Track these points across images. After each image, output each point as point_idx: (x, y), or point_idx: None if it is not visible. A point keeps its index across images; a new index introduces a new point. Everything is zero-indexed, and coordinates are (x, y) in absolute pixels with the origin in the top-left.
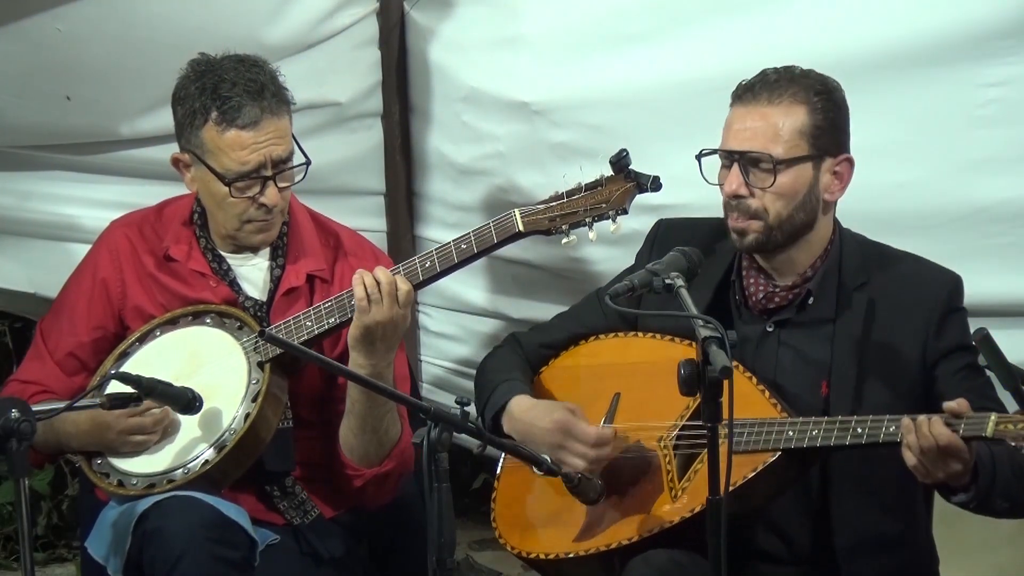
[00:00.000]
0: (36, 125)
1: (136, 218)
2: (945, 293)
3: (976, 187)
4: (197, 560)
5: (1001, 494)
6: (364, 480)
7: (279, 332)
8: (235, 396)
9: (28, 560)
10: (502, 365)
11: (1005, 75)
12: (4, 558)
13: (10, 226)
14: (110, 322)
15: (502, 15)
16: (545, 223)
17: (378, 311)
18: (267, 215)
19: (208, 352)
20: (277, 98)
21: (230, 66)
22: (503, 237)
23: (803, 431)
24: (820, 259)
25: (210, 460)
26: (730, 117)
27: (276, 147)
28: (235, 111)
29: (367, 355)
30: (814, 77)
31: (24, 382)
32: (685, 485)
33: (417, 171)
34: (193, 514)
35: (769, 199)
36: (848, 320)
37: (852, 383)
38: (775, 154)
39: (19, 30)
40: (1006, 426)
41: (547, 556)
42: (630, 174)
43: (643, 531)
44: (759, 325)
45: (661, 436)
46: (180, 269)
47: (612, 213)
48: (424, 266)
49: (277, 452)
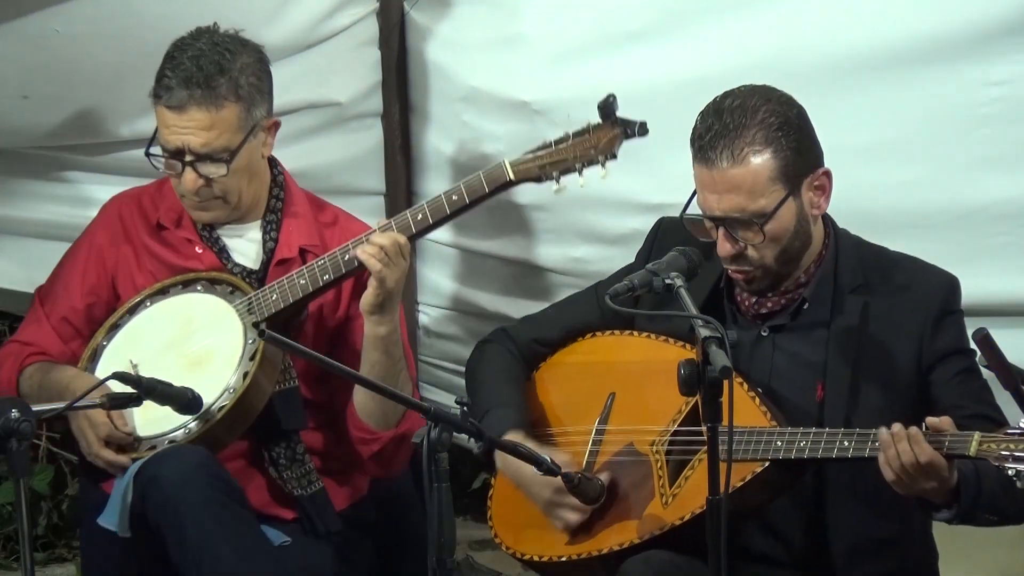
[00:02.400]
0: (35, 126)
1: (136, 191)
2: (941, 295)
3: (978, 186)
4: (197, 499)
5: (987, 508)
6: (382, 444)
7: (273, 292)
8: (232, 357)
9: (28, 560)
10: (492, 375)
11: (1008, 74)
12: (4, 558)
13: (10, 226)
14: (103, 289)
15: (502, 15)
16: (535, 171)
17: (393, 272)
18: (195, 197)
19: (202, 317)
20: (214, 91)
21: (198, 47)
22: (494, 187)
23: (791, 442)
24: (815, 264)
25: (211, 418)
26: (699, 175)
27: (192, 137)
28: (165, 89)
29: (387, 314)
30: (767, 107)
31: (24, 343)
32: (676, 492)
33: (417, 171)
34: (189, 456)
35: (763, 247)
36: (843, 323)
37: (847, 386)
38: (756, 211)
39: (18, 31)
40: (989, 445)
41: (540, 558)
42: (617, 120)
43: (635, 536)
44: (753, 330)
45: (654, 440)
46: (170, 237)
47: (601, 159)
48: (416, 219)
49: (288, 411)
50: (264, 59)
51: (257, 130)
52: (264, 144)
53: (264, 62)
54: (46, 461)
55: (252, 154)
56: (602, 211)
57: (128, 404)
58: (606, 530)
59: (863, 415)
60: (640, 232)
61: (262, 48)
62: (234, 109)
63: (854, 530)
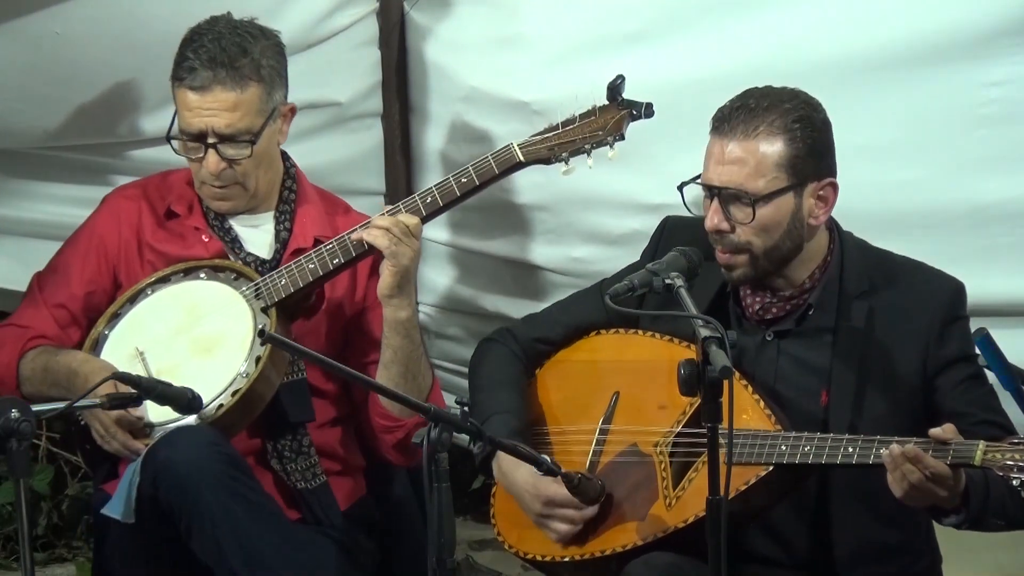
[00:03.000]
0: (35, 128)
1: (140, 183)
2: (947, 301)
3: (978, 187)
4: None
5: (995, 513)
6: (406, 431)
7: (281, 276)
8: (244, 341)
9: (28, 560)
10: (492, 378)
11: (1006, 74)
12: (4, 558)
13: (10, 226)
14: (104, 279)
15: (502, 15)
16: (544, 152)
17: (405, 250)
18: (217, 181)
19: (208, 304)
20: (239, 72)
21: (218, 30)
22: (504, 168)
23: (795, 447)
24: (819, 269)
25: (225, 404)
26: (709, 146)
27: (217, 119)
28: (188, 71)
29: (406, 296)
30: (794, 101)
31: (21, 326)
32: (679, 494)
33: (417, 171)
34: (199, 436)
35: (751, 233)
36: (849, 329)
37: (852, 392)
38: (753, 190)
39: (17, 32)
40: (994, 455)
41: (543, 558)
42: (623, 102)
43: (638, 538)
44: (758, 335)
45: (658, 441)
46: (178, 226)
47: (610, 139)
48: (425, 201)
49: (295, 403)
50: (281, 44)
51: (276, 115)
52: (280, 131)
53: (281, 47)
54: (46, 461)
55: (271, 139)
56: (602, 211)
57: (128, 404)
58: (609, 531)
59: (868, 421)
60: (640, 232)
61: (278, 33)
62: (257, 90)
63: (857, 535)
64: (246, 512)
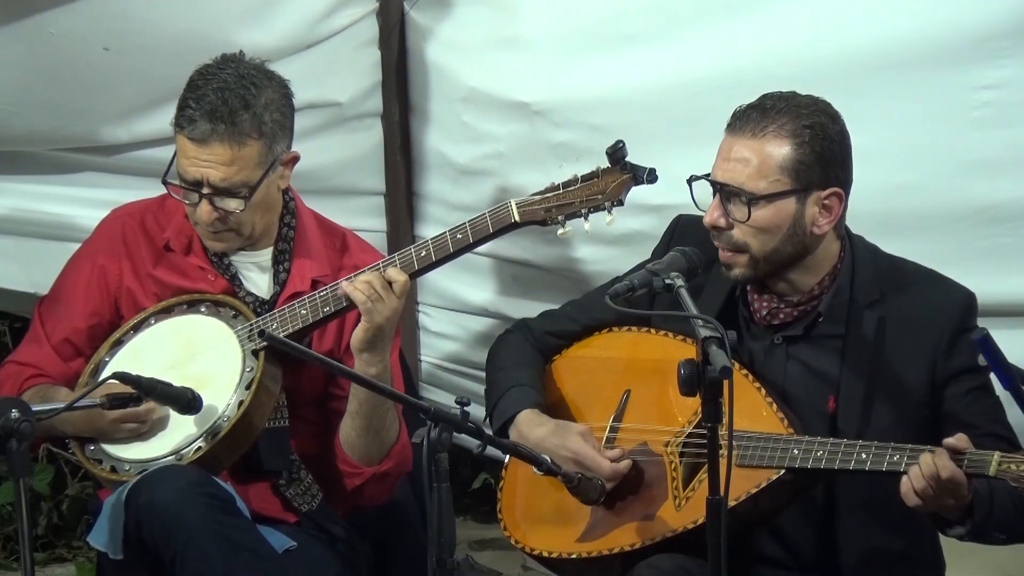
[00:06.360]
0: (32, 132)
1: (138, 208)
2: (958, 312)
3: (973, 189)
4: (194, 520)
5: (999, 526)
6: (363, 479)
7: (274, 320)
8: (229, 384)
9: (28, 560)
10: (511, 360)
11: (1000, 77)
12: (4, 558)
13: (10, 226)
14: (106, 309)
15: (502, 15)
16: (541, 213)
17: (382, 308)
18: (210, 227)
19: (203, 340)
20: (237, 128)
21: (223, 78)
22: (499, 227)
23: (808, 451)
24: (828, 276)
25: (203, 447)
26: (722, 143)
27: (212, 171)
28: (188, 121)
29: (378, 353)
30: (811, 108)
31: (21, 364)
32: (689, 495)
33: (417, 171)
34: (180, 479)
35: (748, 233)
36: (858, 337)
37: (860, 400)
38: (752, 189)
39: (12, 35)
40: (1009, 466)
41: (550, 554)
42: (626, 166)
43: (646, 538)
44: (767, 339)
45: (668, 441)
46: (179, 261)
47: (608, 204)
48: (420, 255)
49: (273, 451)
50: (288, 93)
51: (276, 165)
52: (282, 177)
53: (288, 96)
54: (46, 461)
55: (270, 187)
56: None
57: (128, 403)
58: (617, 529)
59: (874, 429)
60: (640, 232)
61: (287, 82)
62: (256, 146)
63: (864, 542)
64: (232, 555)
